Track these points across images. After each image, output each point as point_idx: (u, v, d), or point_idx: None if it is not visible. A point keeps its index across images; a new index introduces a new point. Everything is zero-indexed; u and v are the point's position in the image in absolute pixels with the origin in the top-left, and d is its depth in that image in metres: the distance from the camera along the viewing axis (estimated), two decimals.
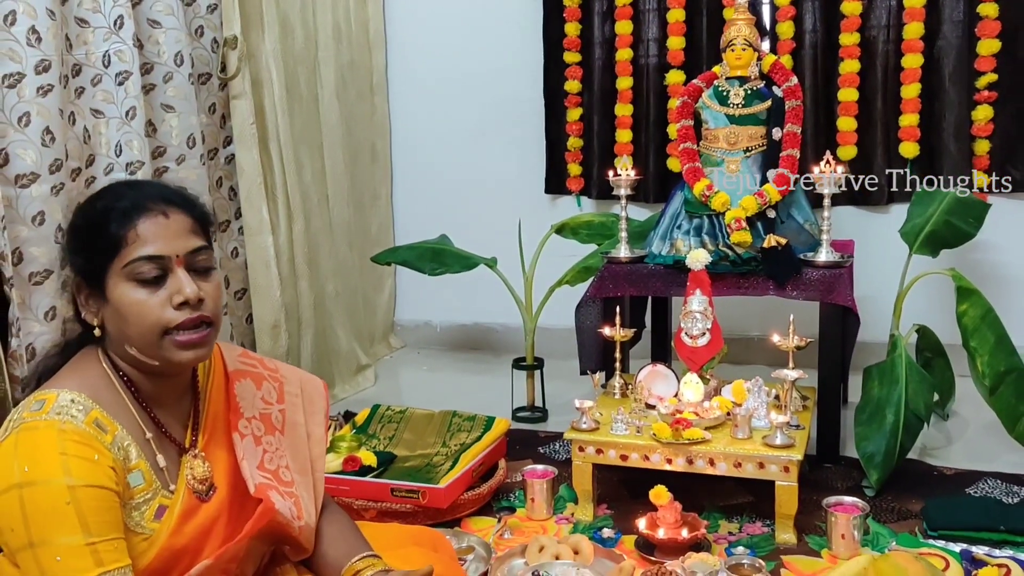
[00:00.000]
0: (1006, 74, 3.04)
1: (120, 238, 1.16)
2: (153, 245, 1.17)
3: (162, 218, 1.18)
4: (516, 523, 2.19)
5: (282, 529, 1.29)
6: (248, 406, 1.34)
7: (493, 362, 3.54)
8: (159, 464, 1.21)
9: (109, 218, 1.17)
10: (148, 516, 1.17)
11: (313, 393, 1.47)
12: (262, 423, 1.34)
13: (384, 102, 3.82)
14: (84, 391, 1.16)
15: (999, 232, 3.04)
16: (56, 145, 2.16)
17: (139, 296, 1.16)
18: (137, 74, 2.40)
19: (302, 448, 1.39)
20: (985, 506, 2.13)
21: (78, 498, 1.07)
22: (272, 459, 1.32)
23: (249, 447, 1.30)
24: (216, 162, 2.85)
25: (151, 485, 1.19)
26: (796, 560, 1.98)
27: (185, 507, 1.21)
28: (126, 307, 1.16)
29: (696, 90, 2.69)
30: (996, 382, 2.40)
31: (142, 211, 1.17)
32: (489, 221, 3.48)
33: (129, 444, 1.17)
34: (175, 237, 1.18)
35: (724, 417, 2.18)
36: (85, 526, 1.07)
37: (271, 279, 2.91)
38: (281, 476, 1.32)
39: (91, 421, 1.13)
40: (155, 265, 1.17)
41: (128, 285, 1.16)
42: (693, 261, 2.36)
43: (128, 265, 1.16)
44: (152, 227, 1.17)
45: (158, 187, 1.25)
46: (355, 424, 2.56)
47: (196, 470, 1.24)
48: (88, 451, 1.11)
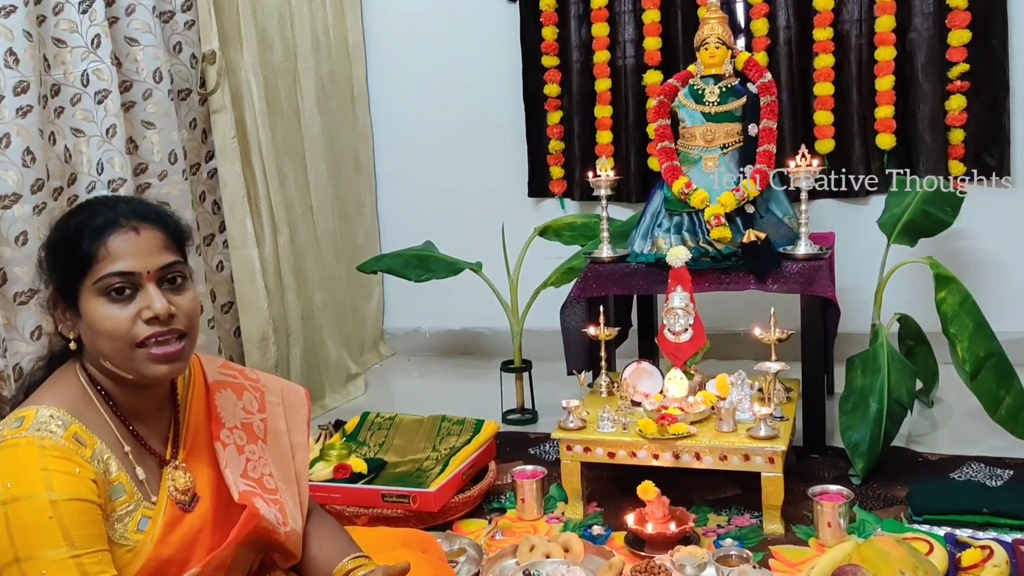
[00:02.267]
0: (978, 63, 3.08)
1: (91, 254, 1.18)
2: (123, 261, 1.18)
3: (133, 234, 1.20)
4: (507, 524, 2.21)
5: (268, 536, 1.30)
6: (229, 416, 1.35)
7: (483, 366, 3.56)
8: (138, 476, 1.22)
9: (82, 235, 1.19)
10: (131, 528, 1.19)
11: (295, 401, 1.48)
12: (244, 432, 1.36)
13: (366, 111, 3.84)
14: (63, 407, 1.18)
15: (975, 220, 3.08)
16: (37, 165, 2.18)
17: (110, 311, 1.18)
18: (116, 92, 2.41)
19: (285, 456, 1.41)
20: (968, 490, 2.16)
21: (61, 512, 1.09)
22: (255, 467, 1.34)
23: (232, 456, 1.31)
24: (199, 177, 2.87)
25: (132, 497, 1.20)
26: (784, 550, 2.00)
27: (168, 518, 1.22)
28: (98, 322, 1.18)
29: (672, 89, 2.72)
30: (976, 367, 2.43)
31: (113, 227, 1.19)
32: (474, 226, 3.50)
33: (109, 457, 1.19)
34: (146, 253, 1.20)
35: (709, 411, 2.20)
36: (69, 539, 1.09)
37: (257, 292, 2.92)
38: (265, 484, 1.34)
39: (70, 436, 1.15)
40: (125, 280, 1.18)
41: (99, 300, 1.18)
42: (673, 258, 2.38)
43: (99, 281, 1.18)
44: (123, 243, 1.19)
45: (132, 203, 1.26)
46: (345, 432, 2.57)
47: (178, 481, 1.25)
48: (69, 465, 1.12)
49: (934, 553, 1.80)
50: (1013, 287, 3.18)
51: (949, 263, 2.66)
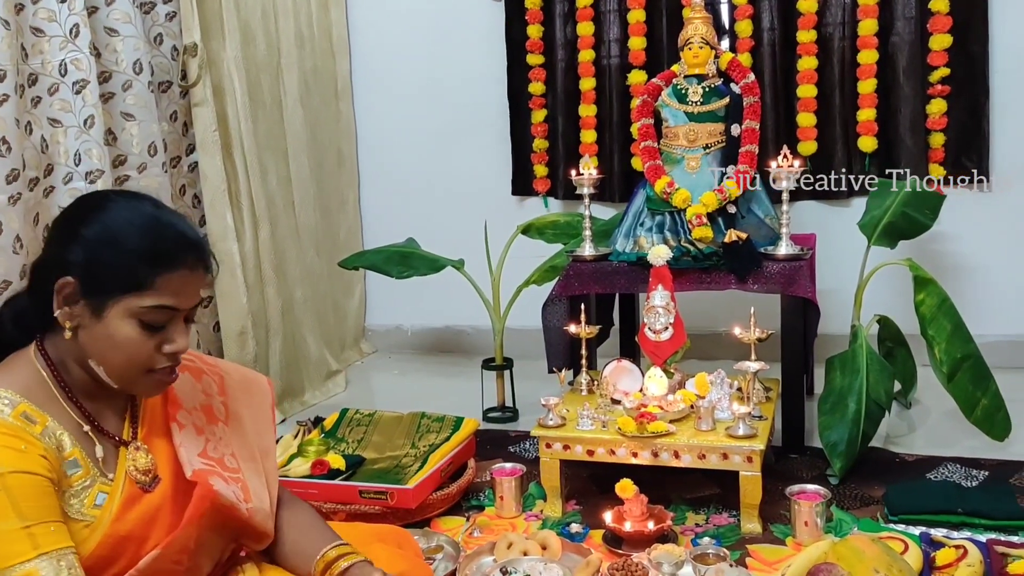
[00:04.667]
0: (958, 68, 3.11)
1: (146, 281, 1.18)
2: (175, 299, 1.20)
3: (188, 273, 1.21)
4: (485, 521, 2.21)
5: (230, 514, 1.30)
6: (187, 398, 1.37)
7: (464, 364, 3.54)
8: (96, 454, 1.23)
9: (142, 257, 1.18)
10: (88, 503, 1.20)
11: (257, 387, 1.50)
12: (203, 414, 1.37)
13: (349, 107, 3.82)
14: (12, 387, 1.19)
15: (955, 223, 3.10)
16: (13, 155, 2.15)
17: (137, 337, 1.19)
18: (95, 82, 2.39)
19: (248, 437, 1.42)
20: (944, 490, 2.18)
21: (8, 485, 1.11)
22: (216, 448, 1.35)
23: (189, 436, 1.32)
24: (179, 170, 2.84)
25: (89, 472, 1.21)
26: (761, 549, 2.01)
27: (127, 496, 1.23)
28: (121, 340, 1.19)
29: (655, 88, 2.72)
30: (953, 369, 2.45)
31: (178, 264, 1.20)
32: (456, 223, 3.49)
33: (61, 434, 1.20)
34: (192, 296, 1.23)
35: (688, 410, 2.21)
36: (18, 511, 1.10)
37: (237, 286, 2.90)
38: (226, 463, 1.34)
39: (18, 414, 1.16)
40: (166, 315, 1.21)
41: (131, 322, 1.19)
42: (655, 257, 2.38)
43: (144, 308, 1.19)
44: (178, 282, 1.20)
45: (195, 238, 1.25)
46: (324, 429, 2.56)
47: (138, 461, 1.27)
48: (16, 441, 1.14)
49: (909, 552, 1.81)
50: (991, 290, 3.21)
51: (928, 266, 2.68)
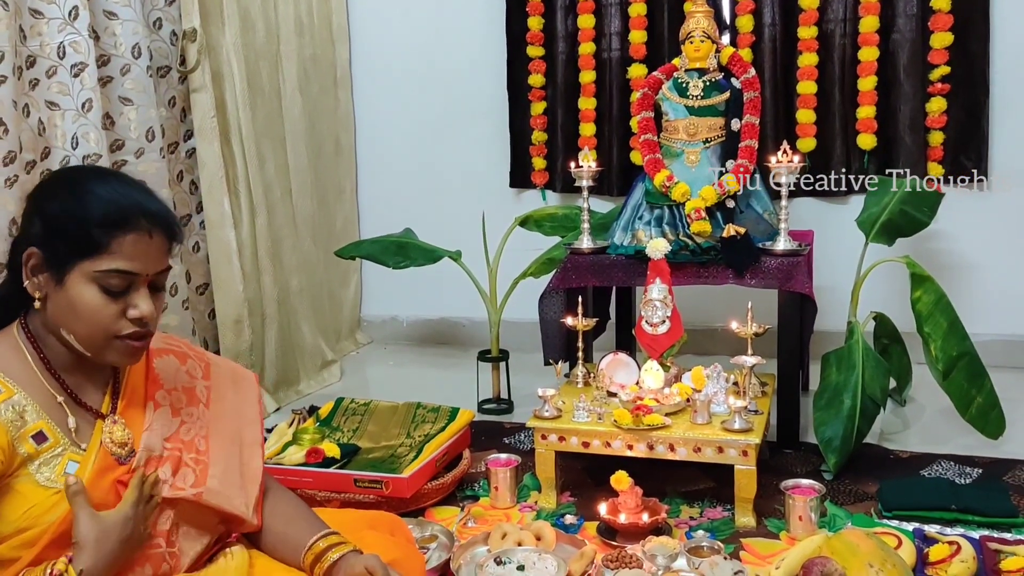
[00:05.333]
0: (958, 66, 3.11)
1: (102, 245, 1.19)
2: (130, 262, 1.21)
3: (146, 237, 1.22)
4: (480, 512, 2.20)
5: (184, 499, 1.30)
6: (169, 378, 1.37)
7: (460, 356, 3.54)
8: (69, 425, 1.24)
9: (95, 222, 1.19)
10: (58, 471, 1.21)
11: (244, 381, 1.50)
12: (184, 395, 1.38)
13: (348, 96, 3.81)
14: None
15: (953, 222, 3.11)
16: (10, 137, 2.14)
17: (98, 301, 1.20)
18: (93, 66, 2.37)
19: (228, 422, 1.42)
20: (938, 487, 2.18)
21: None
22: (190, 429, 1.36)
23: (163, 417, 1.33)
24: (177, 156, 2.83)
25: (58, 443, 1.22)
26: (755, 542, 2.01)
27: (100, 466, 1.24)
28: (83, 307, 1.20)
29: (656, 82, 2.71)
30: (949, 366, 2.46)
31: (131, 227, 1.20)
32: (454, 215, 3.48)
33: (27, 406, 1.21)
34: (152, 260, 1.23)
35: (684, 403, 2.21)
36: None
37: (233, 273, 2.89)
38: (196, 445, 1.35)
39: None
40: (125, 280, 1.21)
41: (91, 288, 1.20)
42: (653, 250, 2.38)
43: (100, 273, 1.19)
44: (135, 245, 1.21)
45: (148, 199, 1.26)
46: (319, 417, 2.55)
47: (115, 434, 1.28)
48: None
49: (902, 548, 1.82)
50: (987, 290, 3.22)
51: (926, 264, 2.67)
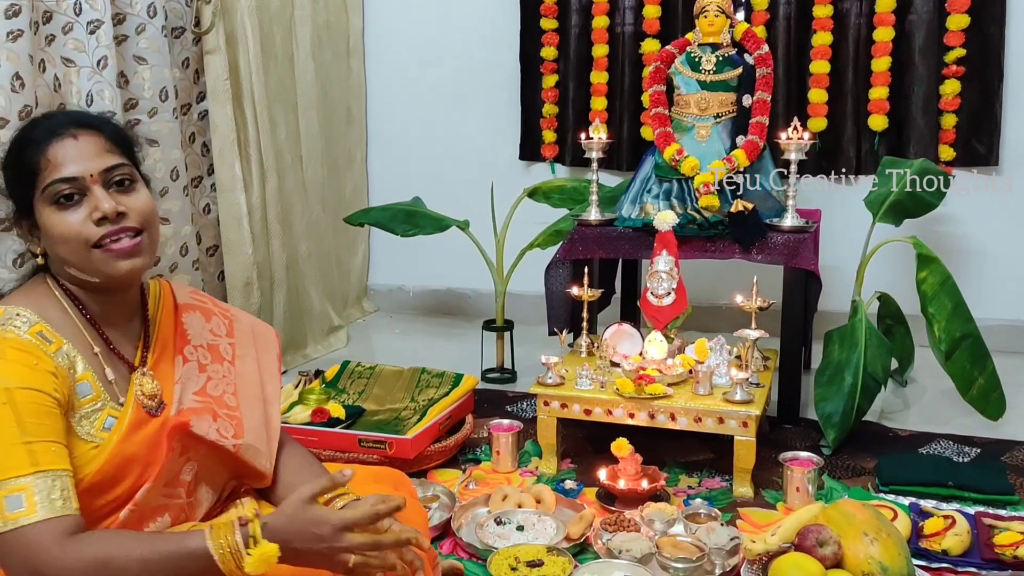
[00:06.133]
0: (974, 49, 3.09)
1: (35, 165, 1.21)
2: (66, 168, 1.21)
3: (71, 140, 1.22)
4: (481, 475, 2.24)
5: (219, 450, 1.32)
6: (196, 335, 1.39)
7: (465, 327, 3.57)
8: (108, 377, 1.25)
9: (25, 148, 1.23)
10: (97, 426, 1.22)
11: (265, 335, 1.51)
12: (209, 352, 1.39)
13: (360, 65, 3.81)
14: (31, 308, 1.21)
15: (962, 205, 3.11)
16: (26, 91, 2.14)
17: (61, 218, 1.21)
18: (109, 24, 2.38)
19: (252, 379, 1.43)
20: (935, 464, 2.20)
21: (15, 399, 1.12)
22: (217, 385, 1.37)
23: (191, 372, 1.34)
24: (189, 117, 2.85)
25: (99, 396, 1.23)
26: (752, 512, 2.04)
27: (134, 419, 1.25)
28: (52, 229, 1.22)
29: (669, 56, 2.71)
30: (952, 347, 2.47)
31: (52, 136, 1.22)
32: (463, 186, 3.49)
33: (75, 356, 1.22)
34: (87, 158, 1.22)
35: (686, 374, 2.23)
36: (22, 426, 1.11)
37: (243, 236, 2.91)
38: (226, 401, 1.36)
39: (35, 332, 1.19)
40: (71, 186, 1.21)
41: (51, 209, 1.21)
42: (660, 222, 2.39)
43: (46, 189, 1.21)
44: (62, 150, 1.21)
45: (71, 113, 1.30)
46: (325, 379, 2.58)
47: (145, 387, 1.28)
48: (28, 358, 1.16)
49: (898, 520, 1.84)
50: (993, 274, 3.22)
51: (933, 246, 2.67)
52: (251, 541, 1.10)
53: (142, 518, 1.24)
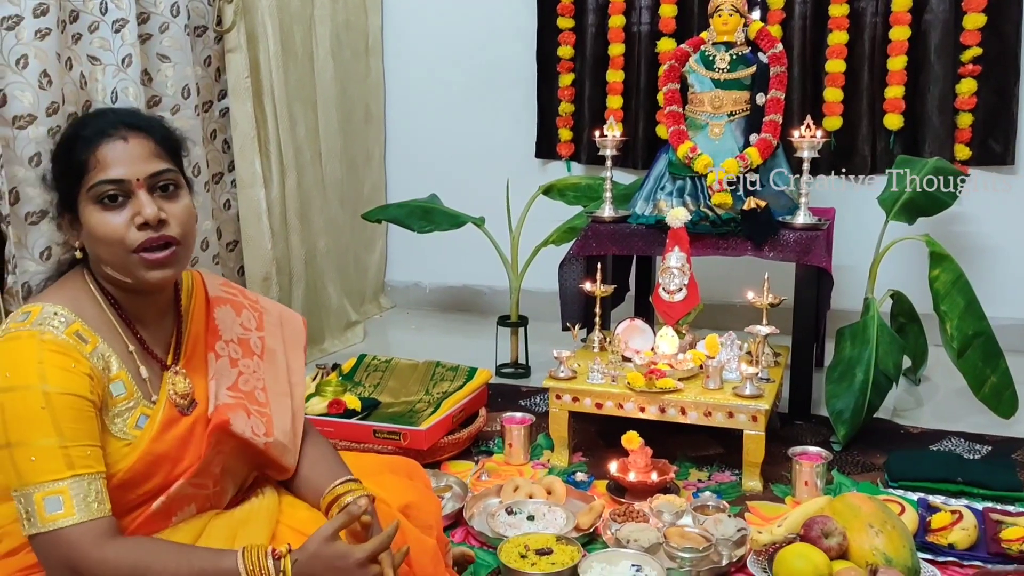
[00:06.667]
0: (990, 48, 3.09)
1: (84, 163, 1.23)
2: (114, 169, 1.22)
3: (121, 143, 1.23)
4: (493, 467, 2.27)
5: (249, 446, 1.35)
6: (227, 330, 1.40)
7: (480, 323, 3.60)
8: (141, 375, 1.27)
9: (75, 145, 1.25)
10: (131, 424, 1.24)
11: (293, 326, 1.53)
12: (240, 347, 1.41)
13: (379, 63, 3.86)
14: (67, 306, 1.23)
15: (976, 204, 3.11)
16: (53, 88, 2.21)
17: (104, 218, 1.22)
18: (134, 22, 2.44)
19: (280, 374, 1.45)
20: (945, 460, 2.21)
21: (53, 404, 1.14)
22: (248, 381, 1.39)
23: (223, 368, 1.36)
24: (210, 114, 2.90)
25: (133, 395, 1.25)
26: (760, 505, 2.06)
27: (166, 417, 1.27)
28: (94, 228, 1.23)
29: (683, 54, 2.74)
30: (964, 345, 2.47)
31: (103, 136, 1.24)
32: (479, 183, 3.53)
33: (110, 356, 1.24)
34: (135, 161, 1.23)
35: (697, 369, 2.25)
36: (59, 430, 1.14)
37: (262, 232, 2.97)
38: (256, 397, 1.38)
39: (72, 332, 1.20)
40: (116, 188, 1.22)
41: (94, 208, 1.23)
42: (673, 219, 2.42)
43: (92, 189, 1.22)
44: (112, 152, 1.22)
45: (122, 113, 1.29)
46: (342, 372, 2.63)
47: (177, 386, 1.31)
48: (65, 360, 1.17)
49: (905, 514, 1.85)
50: (1007, 273, 3.22)
51: (946, 245, 2.68)
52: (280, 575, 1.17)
53: (171, 508, 1.28)
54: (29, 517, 1.13)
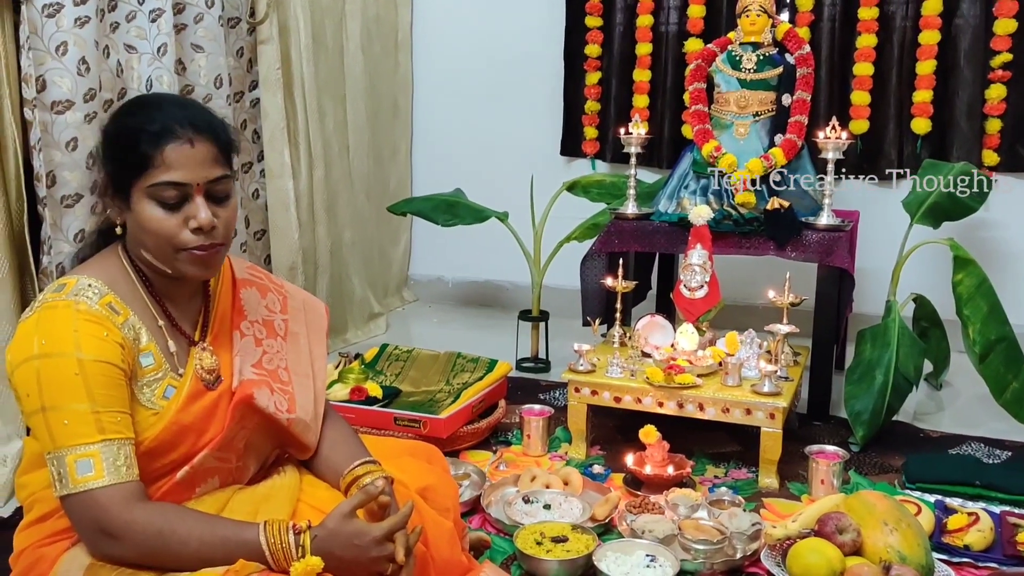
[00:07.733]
0: (1021, 54, 3.07)
1: (148, 159, 1.25)
2: (177, 172, 1.24)
3: (188, 146, 1.26)
4: (511, 457, 2.30)
5: (273, 421, 1.39)
6: (252, 310, 1.45)
7: (501, 318, 3.63)
8: (170, 349, 1.32)
9: (140, 139, 1.26)
10: (158, 394, 1.29)
11: (316, 311, 1.58)
12: (264, 328, 1.45)
13: (408, 58, 3.90)
14: (101, 278, 1.28)
15: (1002, 210, 3.09)
16: (91, 75, 2.26)
17: (159, 215, 1.26)
18: (169, 12, 2.49)
19: (303, 356, 1.50)
20: (963, 463, 2.21)
21: (86, 371, 1.19)
22: (272, 360, 1.43)
23: (248, 346, 1.41)
24: (241, 105, 2.95)
25: (161, 367, 1.30)
26: (776, 502, 2.06)
27: (192, 390, 1.32)
28: (146, 222, 1.27)
29: (710, 54, 2.75)
30: (986, 350, 2.46)
31: (171, 137, 1.26)
32: (504, 179, 3.55)
33: (140, 328, 1.29)
34: (198, 166, 1.26)
35: (716, 366, 2.26)
36: (91, 396, 1.19)
37: (290, 222, 3.01)
38: (279, 375, 1.43)
39: (105, 304, 1.25)
40: (177, 191, 1.25)
41: (150, 203, 1.26)
42: (696, 216, 2.43)
43: (152, 187, 1.25)
44: (178, 154, 1.24)
45: (188, 110, 1.31)
46: (364, 360, 2.66)
47: (204, 361, 1.35)
48: (98, 329, 1.22)
49: (922, 515, 1.85)
50: None
51: (972, 250, 2.67)
52: (300, 550, 1.20)
53: (195, 479, 1.32)
54: (61, 478, 1.18)
